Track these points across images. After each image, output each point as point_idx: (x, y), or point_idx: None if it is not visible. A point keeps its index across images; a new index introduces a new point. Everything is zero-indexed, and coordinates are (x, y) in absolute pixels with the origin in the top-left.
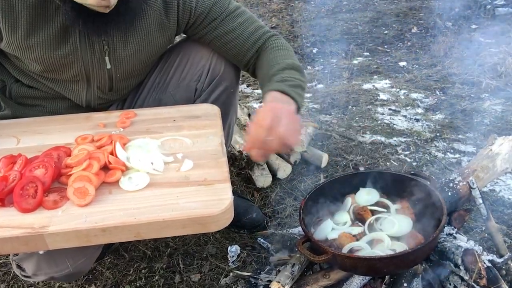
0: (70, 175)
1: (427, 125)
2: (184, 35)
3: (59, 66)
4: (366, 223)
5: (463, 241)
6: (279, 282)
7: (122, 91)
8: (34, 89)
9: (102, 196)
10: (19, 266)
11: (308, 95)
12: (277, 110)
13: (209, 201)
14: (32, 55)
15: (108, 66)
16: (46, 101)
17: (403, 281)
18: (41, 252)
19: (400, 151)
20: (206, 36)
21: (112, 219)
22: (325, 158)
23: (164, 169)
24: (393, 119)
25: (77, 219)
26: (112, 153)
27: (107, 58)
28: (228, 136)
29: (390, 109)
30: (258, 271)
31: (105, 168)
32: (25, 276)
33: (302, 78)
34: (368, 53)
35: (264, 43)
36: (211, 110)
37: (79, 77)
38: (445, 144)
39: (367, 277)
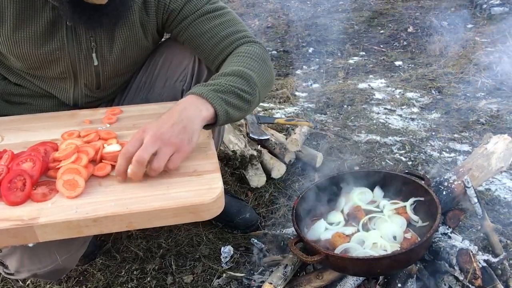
0: (58, 168)
1: (422, 124)
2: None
3: (46, 63)
4: (360, 223)
5: (458, 241)
6: (271, 283)
7: (110, 89)
8: (21, 87)
9: (92, 188)
10: (1, 263)
11: (303, 94)
12: (166, 122)
13: (200, 190)
14: (19, 50)
15: (95, 63)
16: (33, 99)
17: (397, 281)
18: (30, 245)
19: (395, 151)
20: (178, 36)
21: (103, 209)
22: (319, 158)
23: None
24: (388, 118)
25: (68, 210)
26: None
27: (94, 55)
28: (219, 135)
29: (385, 109)
30: (251, 272)
31: (94, 162)
32: (7, 274)
33: (244, 87)
34: (364, 53)
35: (234, 48)
36: None
37: (66, 74)
38: (440, 143)
39: (361, 278)
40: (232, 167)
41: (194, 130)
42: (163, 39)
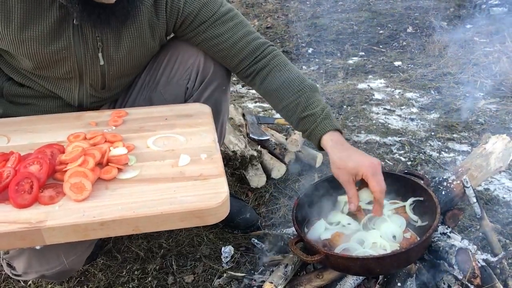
0: (65, 171)
1: (421, 124)
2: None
3: (52, 62)
4: (360, 223)
5: (457, 240)
6: (271, 283)
7: (115, 90)
8: (26, 88)
9: (99, 192)
10: (9, 265)
11: None
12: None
13: (206, 195)
14: (26, 50)
15: (101, 63)
16: (38, 100)
17: (397, 281)
18: (37, 247)
19: (394, 151)
20: (194, 38)
21: (110, 213)
22: (319, 158)
23: (160, 165)
24: (388, 118)
25: (75, 213)
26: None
27: (100, 55)
28: (221, 134)
29: (385, 109)
30: (252, 271)
31: (100, 165)
32: (15, 275)
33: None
34: (363, 53)
35: (254, 48)
36: (203, 109)
37: (72, 74)
38: (439, 143)
39: (361, 277)
40: (232, 167)
41: None
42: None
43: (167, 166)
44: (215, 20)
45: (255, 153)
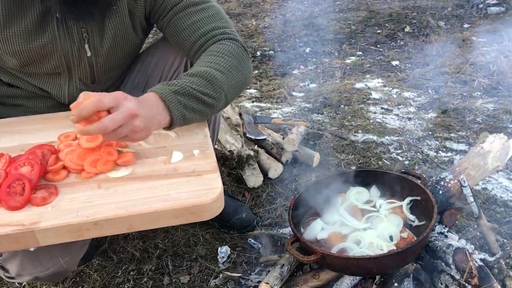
0: (57, 171)
1: (419, 123)
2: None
3: (38, 58)
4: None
5: (454, 240)
6: (267, 283)
7: (105, 84)
8: (14, 88)
9: (91, 191)
10: (2, 267)
11: (300, 94)
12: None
13: (200, 191)
14: (11, 47)
15: (88, 54)
16: (27, 101)
17: (394, 281)
18: (31, 249)
19: (392, 150)
20: (164, 31)
21: (103, 212)
22: (316, 158)
23: (153, 162)
24: (385, 118)
25: (68, 214)
26: None
27: (86, 46)
28: (214, 132)
29: (382, 108)
30: (248, 272)
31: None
32: (9, 277)
33: (207, 90)
34: (361, 52)
35: (210, 45)
36: None
37: (60, 68)
38: (437, 142)
39: (358, 277)
40: (229, 167)
41: (151, 128)
42: (154, 41)
43: (159, 163)
44: (181, 9)
45: (252, 153)
